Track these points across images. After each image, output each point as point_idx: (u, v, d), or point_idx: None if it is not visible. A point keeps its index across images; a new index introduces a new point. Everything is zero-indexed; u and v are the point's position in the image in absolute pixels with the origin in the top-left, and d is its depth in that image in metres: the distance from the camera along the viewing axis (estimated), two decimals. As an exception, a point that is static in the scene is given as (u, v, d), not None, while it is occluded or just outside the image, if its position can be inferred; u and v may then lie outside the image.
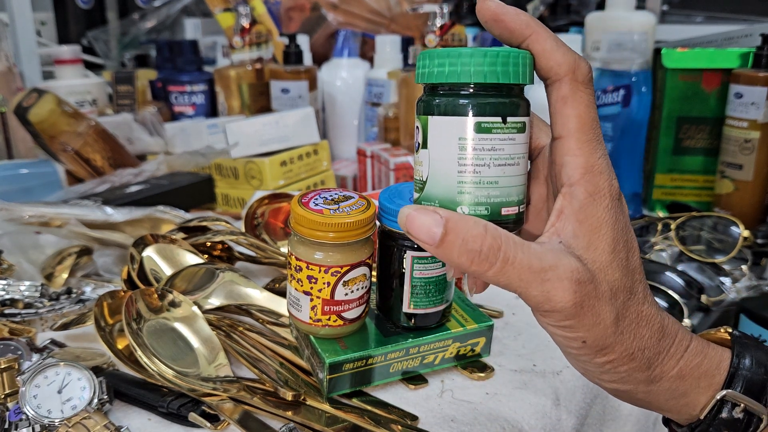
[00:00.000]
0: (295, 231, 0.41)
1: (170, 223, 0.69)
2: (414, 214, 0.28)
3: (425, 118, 0.30)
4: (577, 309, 0.28)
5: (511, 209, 0.30)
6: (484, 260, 0.27)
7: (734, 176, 0.83)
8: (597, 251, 0.29)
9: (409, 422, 0.42)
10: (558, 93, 0.29)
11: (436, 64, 0.30)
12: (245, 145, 0.86)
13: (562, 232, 0.29)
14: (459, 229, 0.27)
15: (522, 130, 0.30)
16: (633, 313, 0.29)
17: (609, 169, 0.29)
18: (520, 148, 0.30)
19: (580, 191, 0.29)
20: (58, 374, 0.42)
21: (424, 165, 0.31)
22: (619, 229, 0.29)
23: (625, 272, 0.29)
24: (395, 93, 0.98)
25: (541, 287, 0.27)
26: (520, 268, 0.27)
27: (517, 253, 0.27)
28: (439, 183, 0.30)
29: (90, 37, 1.42)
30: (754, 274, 0.71)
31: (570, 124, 0.29)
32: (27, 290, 0.55)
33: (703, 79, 0.87)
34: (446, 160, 0.30)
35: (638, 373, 0.30)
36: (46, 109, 0.84)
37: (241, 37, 1.03)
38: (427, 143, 0.30)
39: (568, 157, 0.29)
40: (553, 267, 0.27)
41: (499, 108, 0.29)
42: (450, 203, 0.30)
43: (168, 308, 0.48)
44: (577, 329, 0.28)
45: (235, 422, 0.41)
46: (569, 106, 0.29)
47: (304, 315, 0.43)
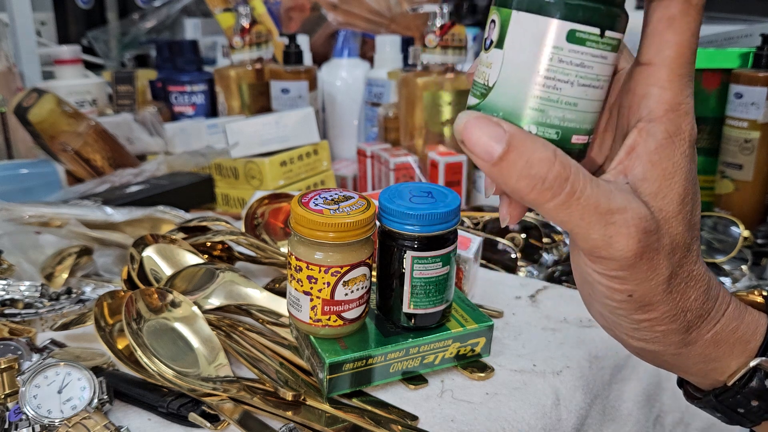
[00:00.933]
0: (295, 231, 0.41)
1: (170, 223, 0.69)
2: (473, 121, 0.24)
3: (507, 11, 0.26)
4: (636, 260, 0.25)
5: (582, 138, 0.27)
6: (548, 189, 0.24)
7: (734, 176, 0.83)
8: (665, 200, 0.26)
9: (409, 422, 0.42)
10: (664, 12, 0.25)
11: None
12: (245, 145, 0.86)
13: (631, 171, 0.26)
14: (524, 149, 0.24)
15: (616, 48, 0.26)
16: (685, 272, 0.27)
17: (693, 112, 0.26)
18: (609, 70, 0.26)
19: (660, 130, 0.26)
20: (58, 374, 0.42)
21: (493, 67, 0.26)
22: (691, 179, 0.26)
23: (688, 227, 0.27)
24: (395, 93, 0.98)
25: (604, 230, 0.25)
26: (586, 205, 0.24)
27: (586, 187, 0.24)
28: (509, 92, 0.26)
29: (90, 37, 1.42)
30: (754, 274, 0.70)
31: (667, 51, 0.25)
32: (27, 290, 0.55)
33: (703, 79, 0.87)
34: (524, 67, 0.25)
35: (674, 335, 0.28)
36: (46, 109, 0.84)
37: (241, 37, 1.03)
38: (504, 42, 0.26)
39: (654, 89, 0.26)
40: (622, 210, 0.24)
41: (600, 17, 0.25)
42: (516, 118, 0.26)
43: (168, 308, 0.48)
44: (628, 282, 0.26)
45: (235, 422, 0.41)
46: (673, 30, 0.25)
47: (304, 315, 0.43)
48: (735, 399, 0.30)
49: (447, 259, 0.44)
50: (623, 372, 0.53)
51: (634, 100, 0.26)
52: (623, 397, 0.52)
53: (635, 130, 0.26)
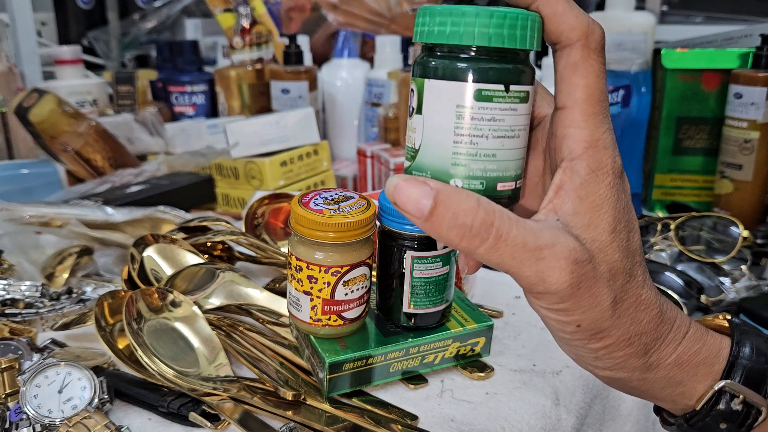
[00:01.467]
0: (296, 231, 0.42)
1: (170, 223, 0.69)
2: (402, 184, 0.26)
3: (421, 81, 0.28)
4: (574, 290, 0.26)
5: (508, 184, 0.28)
6: (476, 236, 0.25)
7: (734, 176, 0.83)
8: (597, 230, 0.27)
9: (409, 422, 0.42)
10: (567, 59, 0.27)
11: (436, 23, 0.27)
12: (245, 145, 0.86)
13: (561, 209, 0.27)
14: (450, 202, 0.25)
15: (525, 99, 0.28)
16: (632, 297, 0.28)
17: (613, 145, 0.27)
18: (522, 120, 0.28)
19: (582, 166, 0.27)
20: (59, 374, 0.42)
21: (417, 132, 0.28)
22: (621, 208, 0.27)
23: (625, 253, 0.27)
24: (395, 93, 0.98)
25: (536, 267, 0.26)
26: (514, 245, 0.25)
27: (512, 229, 0.25)
28: (433, 152, 0.28)
29: (90, 38, 1.42)
30: (753, 274, 0.70)
31: (577, 94, 0.27)
32: (27, 290, 0.55)
33: (703, 80, 0.87)
34: (442, 128, 0.27)
35: (634, 359, 0.29)
36: (46, 110, 0.84)
37: (242, 37, 1.03)
38: (422, 108, 0.28)
39: (571, 130, 0.27)
40: (550, 245, 0.26)
41: (503, 75, 0.27)
42: (443, 175, 0.28)
43: (168, 308, 0.48)
44: (573, 312, 0.27)
45: (235, 422, 0.41)
46: (579, 75, 0.27)
47: (304, 315, 0.43)
48: (704, 422, 0.30)
49: (447, 259, 0.44)
50: (623, 372, 0.53)
51: (558, 142, 0.28)
52: (623, 396, 0.52)
53: (560, 170, 0.27)
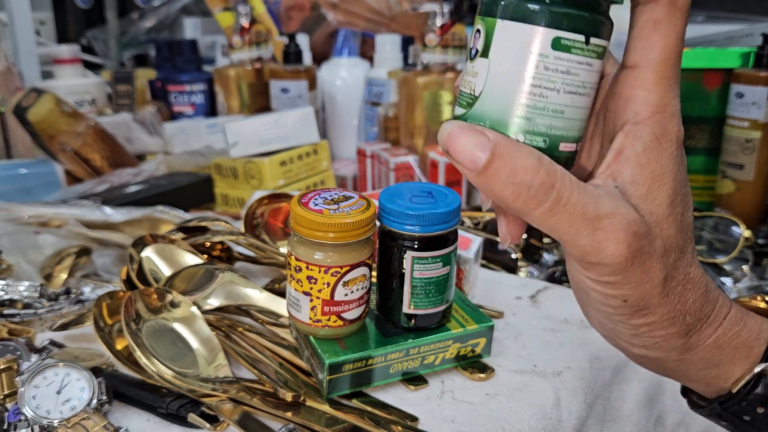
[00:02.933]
0: (295, 231, 0.41)
1: (169, 223, 0.69)
2: (458, 131, 0.24)
3: (492, 20, 0.25)
4: (628, 264, 0.25)
5: (570, 145, 0.27)
6: (533, 197, 0.24)
7: (735, 176, 0.83)
8: (655, 202, 0.26)
9: (409, 423, 0.42)
10: (650, 15, 0.25)
11: None
12: (245, 145, 0.86)
13: (620, 175, 0.26)
14: (509, 157, 0.24)
15: (602, 55, 0.26)
16: (681, 274, 0.27)
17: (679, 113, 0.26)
18: (595, 77, 0.26)
19: (647, 132, 0.25)
20: (57, 375, 0.42)
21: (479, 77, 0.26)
22: (680, 180, 0.26)
23: (680, 228, 0.26)
24: (395, 93, 0.98)
25: (593, 236, 0.24)
26: (573, 211, 0.24)
27: (573, 194, 0.24)
28: (495, 101, 0.26)
29: (89, 37, 1.42)
30: (755, 274, 0.70)
31: (653, 54, 0.25)
32: (26, 290, 0.55)
33: (704, 79, 0.87)
34: (510, 76, 0.25)
35: (675, 339, 0.28)
36: (45, 109, 0.84)
37: (241, 36, 1.03)
38: (489, 51, 0.25)
39: (640, 91, 0.26)
40: (610, 215, 0.24)
41: (585, 24, 0.25)
42: (503, 127, 0.26)
43: (167, 309, 0.48)
44: (622, 286, 0.26)
45: (234, 423, 0.41)
46: (659, 33, 0.25)
47: (303, 315, 0.43)
48: (740, 406, 0.29)
49: (447, 259, 0.44)
50: (624, 373, 0.52)
51: (620, 103, 0.26)
52: (624, 397, 0.52)
53: (622, 133, 0.26)
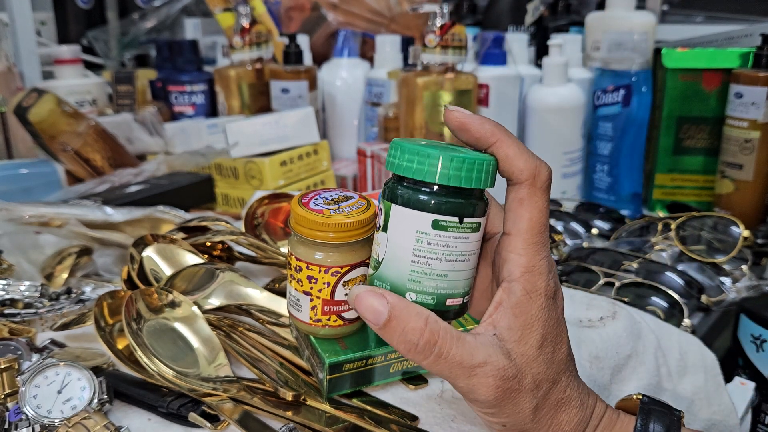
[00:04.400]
0: (295, 231, 0.41)
1: (170, 223, 0.69)
2: (364, 294, 0.31)
3: (389, 204, 0.32)
4: (498, 402, 0.31)
5: (456, 300, 0.33)
6: (420, 352, 0.30)
7: (734, 176, 0.83)
8: (527, 346, 0.31)
9: (409, 422, 0.42)
10: (516, 194, 0.31)
11: (405, 159, 0.31)
12: (245, 145, 0.86)
13: (498, 323, 0.31)
14: (401, 318, 0.30)
15: (476, 229, 0.32)
16: (553, 401, 0.32)
17: (548, 270, 0.32)
18: (473, 246, 0.32)
19: (519, 288, 0.31)
20: (58, 374, 0.42)
21: (381, 246, 0.33)
22: (550, 326, 0.32)
23: (549, 365, 0.32)
24: (395, 93, 0.98)
25: (468, 381, 0.30)
26: (452, 362, 0.30)
27: (452, 348, 0.30)
28: (393, 267, 0.32)
29: (90, 37, 1.42)
30: (754, 274, 0.70)
31: (521, 225, 0.31)
32: (27, 290, 0.55)
33: (704, 79, 0.87)
34: (402, 248, 0.31)
35: None
36: (45, 109, 0.84)
37: (241, 36, 1.03)
38: (388, 228, 0.32)
39: (512, 255, 0.31)
40: (482, 364, 0.30)
41: (457, 209, 0.31)
42: (400, 288, 0.32)
43: (168, 308, 0.48)
44: (499, 416, 0.32)
45: (235, 422, 0.41)
46: (524, 208, 0.31)
47: (304, 315, 0.43)
48: None
49: (447, 259, 0.44)
50: (623, 372, 0.53)
51: (500, 262, 0.32)
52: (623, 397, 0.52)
53: (500, 289, 0.32)
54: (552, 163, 0.89)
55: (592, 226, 0.81)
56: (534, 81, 0.95)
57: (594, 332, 0.53)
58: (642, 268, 0.67)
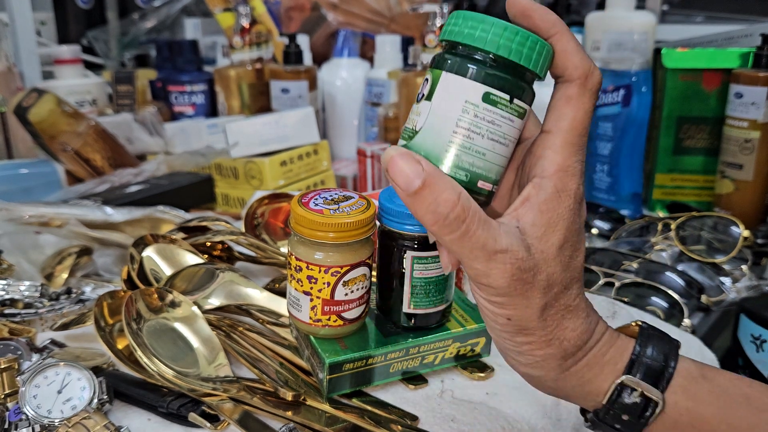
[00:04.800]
0: (295, 231, 0.41)
1: (170, 223, 0.69)
2: (398, 157, 0.29)
3: (438, 72, 0.30)
4: (510, 290, 0.30)
5: (487, 184, 0.31)
6: (447, 226, 0.29)
7: (734, 176, 0.83)
8: (547, 244, 0.31)
9: (409, 422, 0.42)
10: (565, 92, 0.31)
11: (468, 25, 0.29)
12: (245, 145, 0.86)
13: (523, 218, 0.31)
14: (435, 188, 0.28)
15: (522, 115, 0.31)
16: (562, 305, 0.32)
17: (581, 174, 0.31)
18: (514, 132, 0.31)
19: (550, 185, 0.30)
20: (58, 374, 0.42)
21: (421, 116, 0.31)
22: (573, 230, 0.31)
23: (565, 269, 0.31)
24: (395, 93, 0.98)
25: (486, 264, 0.29)
26: (475, 243, 0.29)
27: (478, 229, 0.29)
28: (431, 137, 0.30)
29: (90, 37, 1.42)
30: (754, 274, 0.70)
31: (563, 123, 0.30)
32: (27, 290, 0.55)
33: (704, 79, 0.87)
34: (446, 118, 0.30)
35: (552, 360, 0.32)
36: (45, 109, 0.84)
37: (241, 36, 1.03)
38: (433, 96, 0.30)
39: (548, 151, 0.31)
40: (503, 250, 0.29)
41: (511, 86, 0.30)
42: (434, 158, 0.30)
43: (168, 308, 0.48)
44: (506, 306, 0.31)
45: (235, 422, 0.41)
46: (570, 107, 0.30)
47: (304, 315, 0.43)
48: (609, 416, 0.33)
49: (447, 259, 0.44)
50: (623, 372, 0.52)
51: (533, 160, 0.31)
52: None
53: (530, 184, 0.31)
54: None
55: (592, 226, 0.81)
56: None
57: (594, 332, 0.53)
58: (642, 268, 0.67)
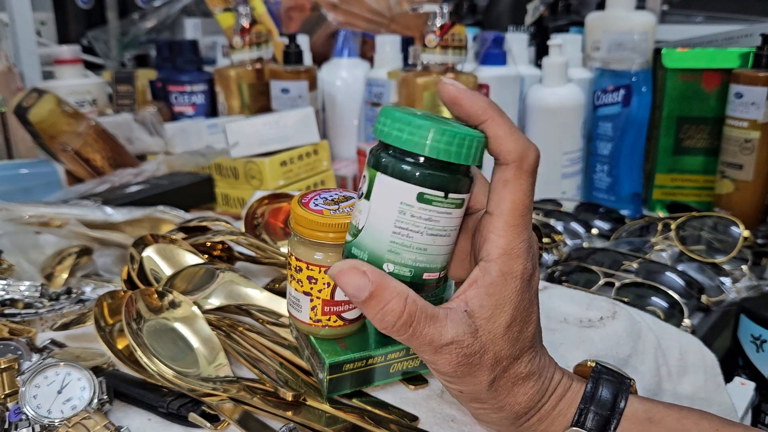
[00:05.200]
0: (295, 231, 0.41)
1: (170, 223, 0.69)
2: (347, 270, 0.31)
3: (374, 172, 0.31)
4: (458, 373, 0.32)
5: (433, 275, 0.33)
6: (396, 331, 0.31)
7: (734, 176, 0.83)
8: (495, 324, 0.32)
9: (409, 422, 0.42)
10: (501, 175, 0.31)
11: (395, 128, 0.30)
12: (245, 145, 0.86)
13: (470, 301, 0.32)
14: (382, 298, 0.30)
15: (460, 205, 0.32)
16: (511, 375, 0.34)
17: (527, 252, 0.32)
18: (454, 222, 0.32)
19: (495, 269, 0.32)
20: (58, 374, 0.42)
21: (362, 214, 0.32)
22: (521, 308, 0.33)
23: (513, 344, 0.33)
24: (395, 93, 0.98)
25: (433, 356, 0.32)
26: (422, 340, 0.31)
27: (425, 328, 0.31)
28: (373, 236, 0.31)
29: (90, 37, 1.42)
30: (754, 274, 0.70)
31: (503, 206, 0.31)
32: (27, 290, 0.55)
33: (704, 79, 0.87)
34: (384, 218, 0.31)
35: (506, 421, 0.35)
36: (45, 109, 0.84)
37: (241, 37, 1.03)
38: (371, 196, 0.31)
39: (492, 235, 0.32)
40: (448, 343, 0.31)
41: (444, 183, 0.30)
42: (378, 258, 0.32)
43: (168, 308, 0.48)
44: (457, 385, 0.34)
45: (235, 422, 0.41)
46: (507, 190, 0.31)
47: (304, 315, 0.43)
48: None
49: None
50: (623, 372, 0.52)
51: (481, 241, 0.32)
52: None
53: (477, 268, 0.32)
54: (552, 163, 0.90)
55: (592, 226, 0.81)
56: (534, 81, 0.95)
57: (594, 332, 0.53)
58: (642, 268, 0.67)
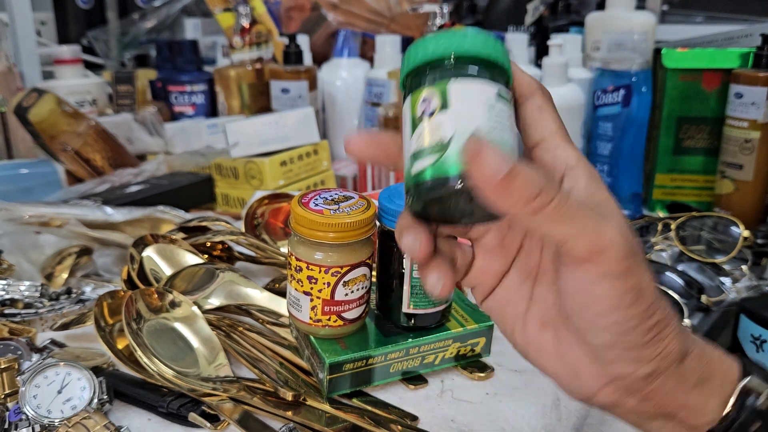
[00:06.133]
0: (295, 231, 0.41)
1: (170, 223, 0.69)
2: (483, 148, 0.26)
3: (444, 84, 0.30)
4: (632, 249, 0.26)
5: None
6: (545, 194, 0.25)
7: (734, 176, 0.83)
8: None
9: (409, 422, 0.42)
10: (533, 103, 0.31)
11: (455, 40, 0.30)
12: (245, 145, 0.86)
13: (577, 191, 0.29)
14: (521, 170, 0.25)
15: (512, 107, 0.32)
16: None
17: None
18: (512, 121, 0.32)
19: (581, 172, 0.29)
20: (58, 374, 0.42)
21: (445, 126, 0.29)
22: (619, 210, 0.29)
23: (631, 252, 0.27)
24: (395, 93, 0.98)
25: (598, 223, 0.26)
26: (579, 203, 0.26)
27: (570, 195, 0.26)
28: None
29: (90, 37, 1.42)
30: (754, 274, 0.70)
31: (552, 126, 0.31)
32: (27, 290, 0.55)
33: (703, 79, 0.87)
34: (473, 119, 0.29)
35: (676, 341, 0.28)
36: (46, 109, 0.84)
37: (241, 37, 1.03)
38: (449, 105, 0.30)
39: (559, 150, 0.30)
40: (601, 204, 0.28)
41: (506, 82, 0.31)
42: None
43: (168, 308, 0.48)
44: (634, 272, 0.26)
45: (235, 422, 0.41)
46: (547, 112, 0.31)
47: (304, 315, 0.43)
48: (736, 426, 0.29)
49: (447, 259, 0.44)
50: (623, 372, 0.53)
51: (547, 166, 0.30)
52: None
53: (565, 177, 0.30)
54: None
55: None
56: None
57: (594, 332, 0.53)
58: (642, 268, 0.67)
